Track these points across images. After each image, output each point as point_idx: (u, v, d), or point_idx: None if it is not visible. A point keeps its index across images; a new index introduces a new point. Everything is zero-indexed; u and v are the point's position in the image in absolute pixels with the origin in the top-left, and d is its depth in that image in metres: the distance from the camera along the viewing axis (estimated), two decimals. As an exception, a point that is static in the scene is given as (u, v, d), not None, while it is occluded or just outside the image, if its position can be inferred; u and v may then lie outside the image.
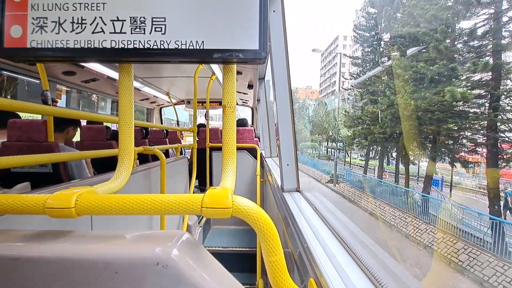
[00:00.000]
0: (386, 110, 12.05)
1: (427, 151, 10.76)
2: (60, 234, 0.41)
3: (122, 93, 0.51)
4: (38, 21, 0.44)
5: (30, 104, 0.92)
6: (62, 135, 1.86)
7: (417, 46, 10.38)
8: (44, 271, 0.36)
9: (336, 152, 25.44)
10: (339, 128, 26.10)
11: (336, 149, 25.57)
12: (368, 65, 16.88)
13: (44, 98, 1.67)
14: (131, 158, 0.53)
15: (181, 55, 0.45)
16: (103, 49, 0.44)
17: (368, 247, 0.79)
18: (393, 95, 11.42)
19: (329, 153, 30.91)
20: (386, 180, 13.85)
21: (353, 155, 25.42)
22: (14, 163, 0.88)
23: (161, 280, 0.35)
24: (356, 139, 16.17)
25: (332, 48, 58.28)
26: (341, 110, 24.74)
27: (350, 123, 16.34)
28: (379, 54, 16.02)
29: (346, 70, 50.17)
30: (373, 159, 17.91)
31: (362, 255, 0.74)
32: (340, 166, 18.78)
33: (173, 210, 0.38)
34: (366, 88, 14.56)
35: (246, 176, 3.67)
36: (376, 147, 15.66)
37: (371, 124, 13.68)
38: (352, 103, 21.78)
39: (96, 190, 0.44)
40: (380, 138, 12.98)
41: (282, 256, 0.39)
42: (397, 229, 9.19)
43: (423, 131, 10.14)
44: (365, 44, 17.52)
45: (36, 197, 0.40)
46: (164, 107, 5.62)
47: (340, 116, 25.73)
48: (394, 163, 13.76)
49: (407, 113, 10.06)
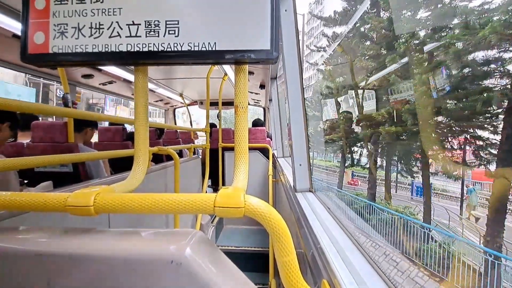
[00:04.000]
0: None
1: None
2: (81, 231, 0.43)
3: (137, 94, 0.53)
4: (59, 27, 0.46)
5: (52, 107, 0.97)
6: (80, 136, 1.94)
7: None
8: (66, 266, 0.38)
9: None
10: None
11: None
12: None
13: (65, 100, 1.75)
14: (146, 158, 0.54)
15: (194, 56, 0.45)
16: (119, 52, 0.45)
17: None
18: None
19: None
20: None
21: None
22: (38, 163, 0.93)
23: (175, 278, 0.35)
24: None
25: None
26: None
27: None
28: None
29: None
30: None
31: (376, 257, 0.72)
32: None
33: (186, 209, 0.39)
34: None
35: (258, 176, 3.67)
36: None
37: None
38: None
39: (113, 189, 0.45)
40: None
41: (294, 257, 0.38)
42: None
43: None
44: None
45: (58, 195, 0.42)
46: (178, 107, 5.72)
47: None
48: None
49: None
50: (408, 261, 6.36)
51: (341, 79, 13.12)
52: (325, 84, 14.55)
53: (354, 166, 13.00)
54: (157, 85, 3.86)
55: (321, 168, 18.05)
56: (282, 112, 4.11)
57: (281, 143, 4.24)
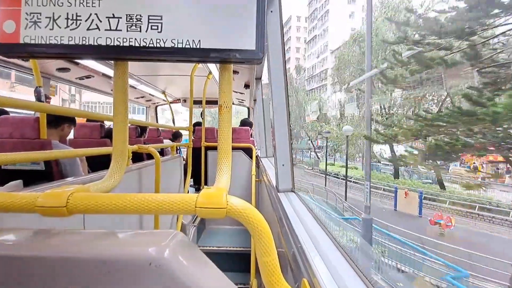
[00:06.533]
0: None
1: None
2: (53, 232, 0.41)
3: (116, 90, 0.51)
4: (32, 17, 0.43)
5: (23, 101, 0.91)
6: (57, 132, 1.84)
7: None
8: (36, 270, 0.36)
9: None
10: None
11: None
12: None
13: (37, 94, 1.65)
14: (125, 156, 0.52)
15: (177, 53, 0.44)
16: (98, 46, 0.43)
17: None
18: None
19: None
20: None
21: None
22: (6, 160, 0.87)
23: (154, 280, 0.35)
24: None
25: (284, 30, 53.15)
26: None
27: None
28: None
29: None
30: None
31: (355, 256, 0.74)
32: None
33: (166, 209, 0.38)
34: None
35: (241, 176, 3.67)
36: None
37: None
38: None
39: (89, 189, 0.44)
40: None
41: (275, 257, 0.39)
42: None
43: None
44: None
45: (27, 195, 0.39)
46: (160, 105, 5.59)
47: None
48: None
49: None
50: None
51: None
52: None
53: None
54: (138, 81, 3.75)
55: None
56: (266, 113, 4.13)
57: (265, 143, 4.26)
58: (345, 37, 27.76)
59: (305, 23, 48.24)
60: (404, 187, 13.47)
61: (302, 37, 49.19)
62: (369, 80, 9.59)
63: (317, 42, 42.21)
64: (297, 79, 40.68)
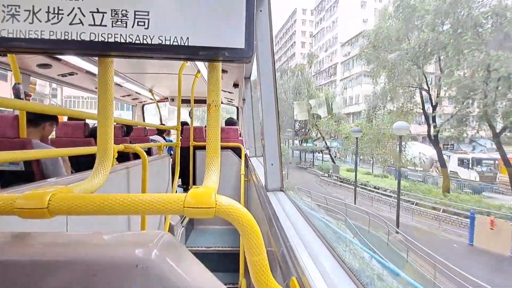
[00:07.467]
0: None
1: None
2: (34, 235, 0.39)
3: (101, 88, 0.49)
4: (10, 9, 0.41)
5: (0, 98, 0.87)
6: (38, 131, 1.76)
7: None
8: (14, 275, 0.34)
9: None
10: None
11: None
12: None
13: (16, 91, 1.58)
14: (110, 156, 0.51)
15: (164, 51, 0.43)
16: (81, 41, 0.42)
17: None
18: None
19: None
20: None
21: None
22: None
23: (141, 282, 0.34)
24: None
25: (289, 25, 50.73)
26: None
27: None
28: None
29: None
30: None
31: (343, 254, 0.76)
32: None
33: (154, 210, 0.38)
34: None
35: (230, 175, 3.65)
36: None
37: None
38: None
39: (72, 190, 0.42)
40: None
41: (264, 256, 0.39)
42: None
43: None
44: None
45: (4, 196, 0.37)
46: (147, 104, 5.48)
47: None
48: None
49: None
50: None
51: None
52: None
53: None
54: (124, 79, 3.66)
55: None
56: (255, 112, 4.13)
57: (254, 143, 4.27)
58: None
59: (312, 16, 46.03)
60: (483, 209, 9.38)
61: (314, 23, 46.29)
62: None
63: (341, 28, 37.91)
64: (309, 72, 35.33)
